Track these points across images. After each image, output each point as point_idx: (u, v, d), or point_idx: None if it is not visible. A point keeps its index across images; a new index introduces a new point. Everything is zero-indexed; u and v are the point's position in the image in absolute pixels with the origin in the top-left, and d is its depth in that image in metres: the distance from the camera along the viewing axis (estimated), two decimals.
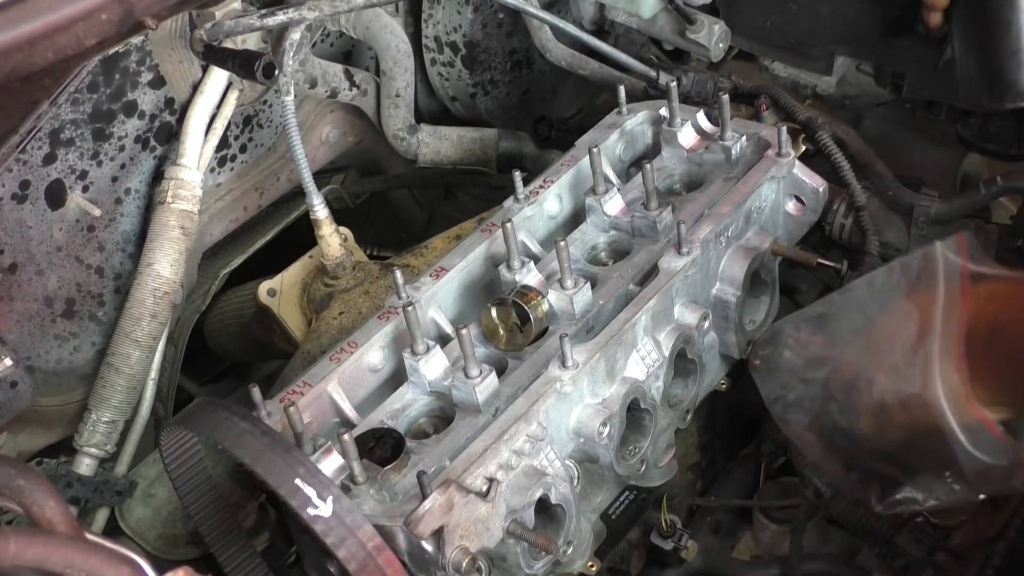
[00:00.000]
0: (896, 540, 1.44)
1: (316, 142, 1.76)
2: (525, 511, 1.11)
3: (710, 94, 1.71)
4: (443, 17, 1.83)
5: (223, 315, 1.80)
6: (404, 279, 1.28)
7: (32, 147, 1.30)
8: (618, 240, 1.41)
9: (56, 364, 1.44)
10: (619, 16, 1.83)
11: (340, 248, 1.53)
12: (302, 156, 1.43)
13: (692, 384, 1.37)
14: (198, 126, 1.44)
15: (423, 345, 1.22)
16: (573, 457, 1.23)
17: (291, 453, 1.01)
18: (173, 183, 1.41)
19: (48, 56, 1.18)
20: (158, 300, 1.40)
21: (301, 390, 1.21)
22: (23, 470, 0.81)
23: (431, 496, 1.02)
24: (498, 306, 1.27)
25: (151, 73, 1.40)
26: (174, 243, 1.40)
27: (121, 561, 0.78)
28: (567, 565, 1.23)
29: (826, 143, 1.61)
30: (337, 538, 0.97)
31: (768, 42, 1.84)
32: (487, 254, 1.39)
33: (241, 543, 1.30)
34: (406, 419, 1.23)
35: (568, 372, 1.18)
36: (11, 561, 0.73)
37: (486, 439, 1.13)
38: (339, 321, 1.50)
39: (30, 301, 1.38)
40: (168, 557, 1.45)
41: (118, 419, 1.43)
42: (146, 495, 1.46)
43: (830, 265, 1.47)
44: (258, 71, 1.32)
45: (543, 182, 1.46)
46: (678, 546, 1.50)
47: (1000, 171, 1.59)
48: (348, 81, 1.65)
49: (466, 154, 1.83)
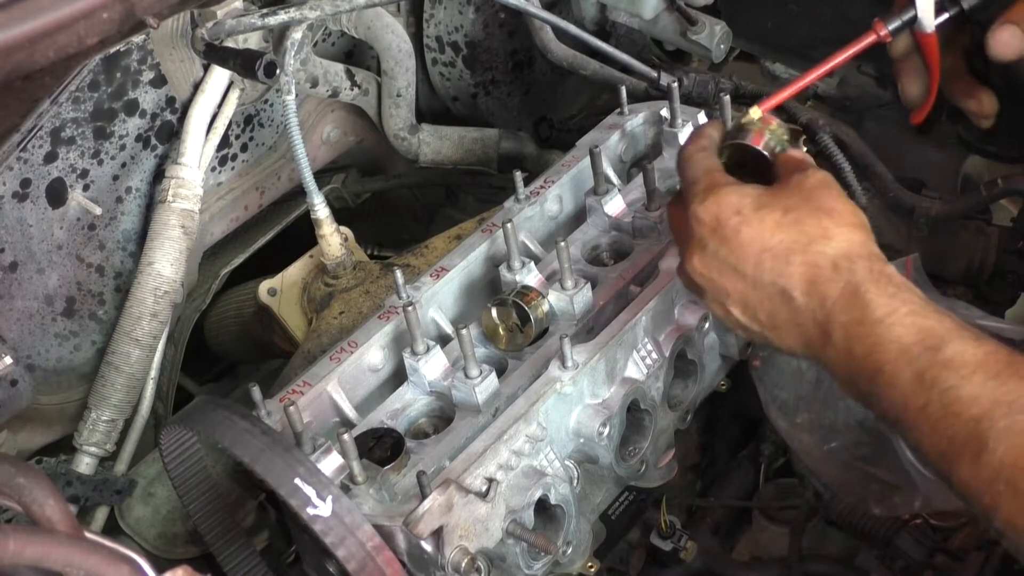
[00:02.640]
0: (895, 542, 1.44)
1: (317, 141, 1.76)
2: (525, 511, 1.11)
3: (711, 95, 1.71)
4: (444, 17, 1.83)
5: (223, 314, 1.80)
6: (404, 279, 1.28)
7: (33, 145, 1.30)
8: (619, 240, 1.41)
9: (56, 363, 1.44)
10: (620, 17, 1.83)
11: (341, 248, 1.53)
12: (303, 155, 1.43)
13: (692, 385, 1.37)
14: (199, 125, 1.44)
15: (423, 345, 1.22)
16: (573, 457, 1.23)
17: (291, 452, 1.01)
18: (174, 182, 1.41)
19: (49, 55, 1.18)
20: (159, 299, 1.40)
21: (301, 390, 1.21)
22: (23, 468, 0.81)
23: (431, 496, 1.02)
24: (498, 306, 1.27)
25: (152, 72, 1.40)
26: (175, 242, 1.40)
27: (120, 560, 0.78)
28: (566, 565, 1.23)
29: (827, 144, 1.61)
30: (336, 538, 0.97)
31: (769, 43, 1.84)
32: (487, 254, 1.39)
33: (240, 542, 1.30)
34: (406, 419, 1.23)
35: (568, 372, 1.18)
36: (10, 559, 0.73)
37: (486, 439, 1.13)
38: (339, 321, 1.50)
39: (30, 299, 1.38)
40: (167, 556, 1.45)
41: (118, 418, 1.43)
42: (146, 494, 1.46)
43: None
44: (259, 70, 1.32)
45: (544, 182, 1.46)
46: (677, 547, 1.51)
47: (1001, 173, 1.59)
48: (349, 81, 1.65)
49: (467, 154, 1.83)
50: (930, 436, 0.91)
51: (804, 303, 1.00)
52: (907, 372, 0.93)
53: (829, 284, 0.98)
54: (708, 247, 1.04)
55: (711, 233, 1.04)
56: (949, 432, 0.90)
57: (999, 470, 0.86)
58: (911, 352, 0.93)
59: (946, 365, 0.91)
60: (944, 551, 1.41)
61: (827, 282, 0.98)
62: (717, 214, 1.03)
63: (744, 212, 1.02)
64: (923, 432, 0.92)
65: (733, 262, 1.03)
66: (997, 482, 0.86)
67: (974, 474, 0.88)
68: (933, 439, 0.91)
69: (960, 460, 0.89)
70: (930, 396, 0.91)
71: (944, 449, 0.90)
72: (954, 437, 0.89)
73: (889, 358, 0.94)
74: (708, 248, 1.04)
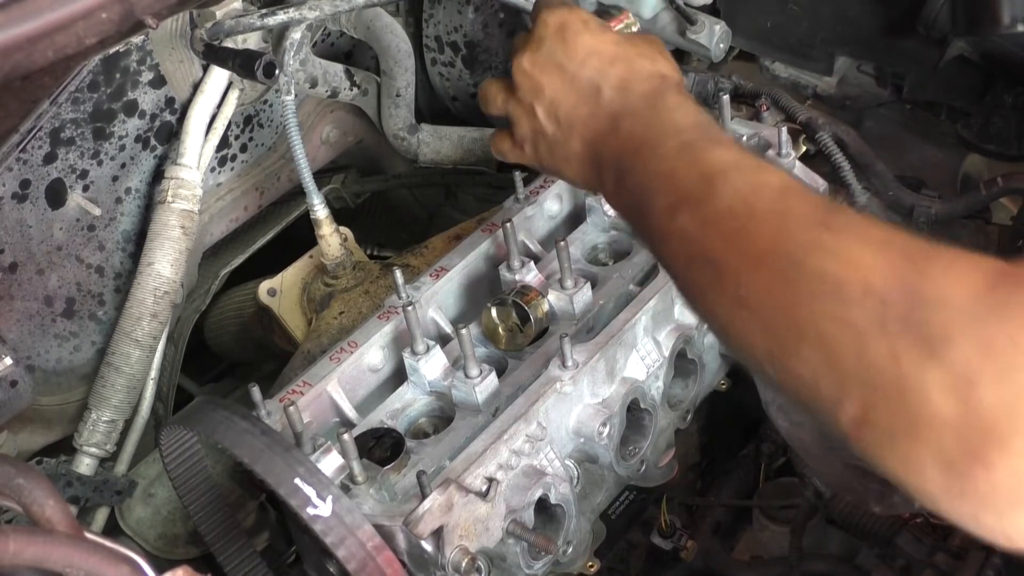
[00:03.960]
0: (896, 541, 1.44)
1: (316, 142, 1.76)
2: (525, 511, 1.11)
3: (711, 94, 1.71)
4: (444, 17, 1.83)
5: (223, 315, 1.80)
6: (404, 279, 1.28)
7: (32, 146, 1.30)
8: (618, 240, 1.41)
9: (56, 363, 1.44)
10: None
11: (340, 248, 1.53)
12: (302, 156, 1.43)
13: (692, 384, 1.37)
14: (198, 126, 1.44)
15: (423, 345, 1.22)
16: (573, 457, 1.23)
17: (291, 453, 1.01)
18: (173, 182, 1.41)
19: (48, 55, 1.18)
20: (158, 300, 1.40)
21: (301, 390, 1.21)
22: (23, 469, 0.81)
23: (431, 496, 1.02)
24: (498, 306, 1.27)
25: (151, 72, 1.40)
26: (174, 243, 1.40)
27: (121, 560, 0.78)
28: (567, 565, 1.23)
29: (826, 143, 1.61)
30: (337, 538, 0.97)
31: (769, 43, 1.84)
32: (487, 254, 1.39)
33: (241, 543, 1.30)
34: (406, 419, 1.23)
35: (568, 372, 1.18)
36: (11, 560, 0.73)
37: (486, 439, 1.13)
38: (339, 321, 1.50)
39: (30, 300, 1.38)
40: (168, 556, 1.45)
41: (118, 418, 1.43)
42: (146, 495, 1.46)
43: None
44: (259, 70, 1.32)
45: (543, 182, 1.46)
46: (678, 546, 1.51)
47: (1000, 172, 1.59)
48: (349, 81, 1.65)
49: (467, 154, 1.83)
50: (664, 189, 0.90)
51: (609, 97, 1.03)
52: (672, 142, 0.93)
53: (639, 84, 1.03)
54: (544, 47, 1.09)
55: (553, 34, 1.09)
56: (683, 184, 0.89)
57: (719, 217, 0.84)
58: (684, 131, 0.95)
59: (713, 140, 0.92)
60: (944, 550, 1.41)
61: (638, 83, 1.03)
62: (565, 20, 1.09)
63: (590, 25, 1.09)
64: (659, 188, 0.90)
65: (560, 59, 1.07)
66: (718, 224, 0.84)
67: (694, 221, 0.85)
68: (667, 191, 0.89)
69: (684, 207, 0.87)
70: (681, 159, 0.91)
71: (672, 201, 0.88)
72: (688, 189, 0.88)
73: (660, 132, 0.96)
74: (543, 48, 1.09)
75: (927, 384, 0.67)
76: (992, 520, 0.67)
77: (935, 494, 0.69)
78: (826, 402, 0.73)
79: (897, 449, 0.69)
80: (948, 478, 0.67)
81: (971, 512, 0.68)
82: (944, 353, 0.67)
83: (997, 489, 0.65)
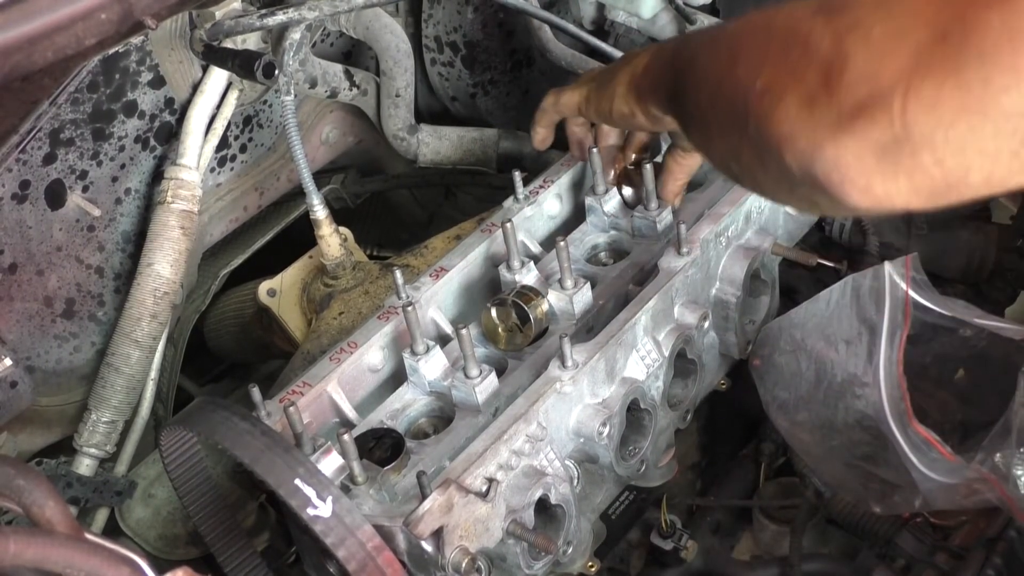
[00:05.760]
0: (896, 540, 1.44)
1: (316, 142, 1.76)
2: (525, 511, 1.11)
3: None
4: (443, 17, 1.83)
5: (223, 315, 1.80)
6: (404, 279, 1.28)
7: (32, 147, 1.30)
8: (618, 240, 1.41)
9: (56, 364, 1.44)
10: (619, 16, 1.83)
11: (340, 248, 1.53)
12: (302, 156, 1.43)
13: (692, 384, 1.37)
14: (198, 126, 1.44)
15: (423, 345, 1.22)
16: (573, 457, 1.23)
17: (291, 453, 1.01)
18: (173, 183, 1.41)
19: (48, 56, 1.18)
20: (158, 300, 1.40)
21: (301, 390, 1.21)
22: (23, 470, 0.81)
23: (431, 496, 1.02)
24: (498, 306, 1.27)
25: (151, 73, 1.40)
26: (174, 243, 1.40)
27: (121, 561, 0.78)
28: (567, 565, 1.23)
29: None
30: (337, 538, 0.97)
31: None
32: (487, 254, 1.39)
33: (241, 543, 1.30)
34: (406, 419, 1.23)
35: (568, 372, 1.18)
36: (11, 561, 0.73)
37: (486, 439, 1.13)
38: (339, 321, 1.50)
39: (30, 301, 1.38)
40: (168, 557, 1.45)
41: (118, 419, 1.43)
42: (146, 495, 1.46)
43: (830, 265, 1.47)
44: (258, 71, 1.32)
45: (543, 182, 1.46)
46: (678, 546, 1.50)
47: None
48: (348, 81, 1.65)
49: (466, 154, 1.83)
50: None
51: (620, 65, 1.23)
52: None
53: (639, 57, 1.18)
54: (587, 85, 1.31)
55: (590, 80, 1.30)
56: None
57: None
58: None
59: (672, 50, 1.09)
60: (945, 549, 1.41)
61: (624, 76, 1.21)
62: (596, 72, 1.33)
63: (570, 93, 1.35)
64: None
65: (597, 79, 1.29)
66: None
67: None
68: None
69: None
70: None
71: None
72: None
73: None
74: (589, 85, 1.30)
75: (815, 28, 0.75)
76: (831, 152, 0.73)
77: (789, 126, 0.75)
78: (742, 90, 0.81)
79: (780, 100, 0.76)
80: (801, 105, 0.75)
81: (816, 141, 0.74)
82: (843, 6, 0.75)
83: (842, 112, 0.72)
